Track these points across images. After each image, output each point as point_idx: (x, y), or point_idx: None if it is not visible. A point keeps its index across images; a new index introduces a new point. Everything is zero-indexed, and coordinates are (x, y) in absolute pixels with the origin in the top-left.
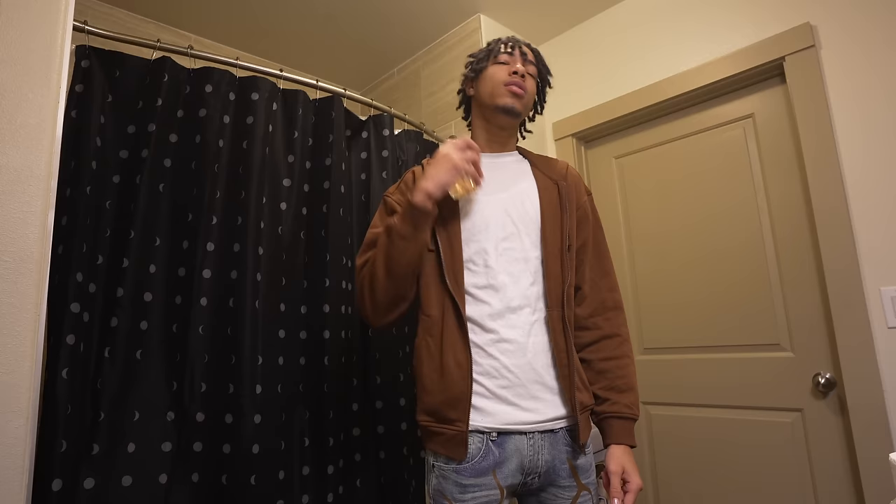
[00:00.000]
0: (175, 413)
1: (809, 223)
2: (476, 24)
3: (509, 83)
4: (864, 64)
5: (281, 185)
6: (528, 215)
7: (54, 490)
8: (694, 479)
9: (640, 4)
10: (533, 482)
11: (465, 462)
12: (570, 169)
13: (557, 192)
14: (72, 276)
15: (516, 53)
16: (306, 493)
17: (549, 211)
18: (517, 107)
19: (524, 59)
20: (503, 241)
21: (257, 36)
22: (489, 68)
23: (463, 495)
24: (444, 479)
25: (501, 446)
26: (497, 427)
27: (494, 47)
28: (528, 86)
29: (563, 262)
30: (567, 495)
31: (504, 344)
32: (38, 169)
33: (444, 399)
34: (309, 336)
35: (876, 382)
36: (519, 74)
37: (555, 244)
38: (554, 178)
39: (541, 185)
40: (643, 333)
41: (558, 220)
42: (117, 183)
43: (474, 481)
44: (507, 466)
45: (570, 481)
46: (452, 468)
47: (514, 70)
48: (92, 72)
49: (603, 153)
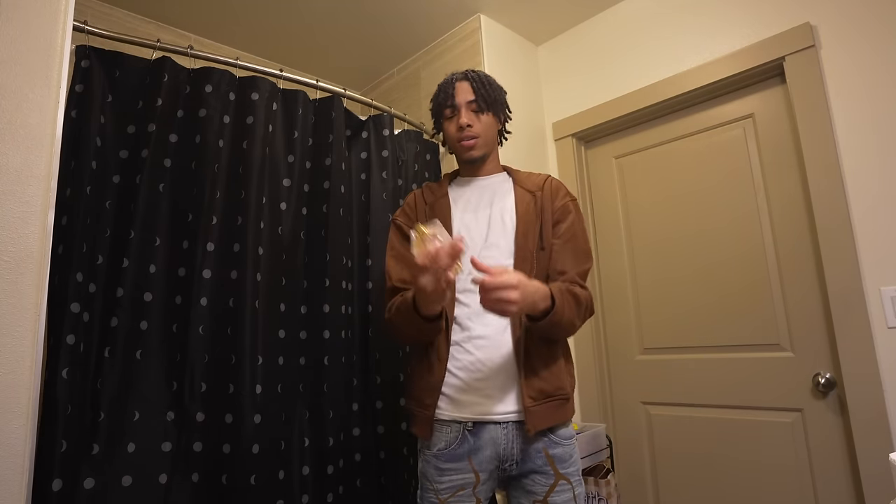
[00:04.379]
0: (175, 413)
1: (809, 223)
2: (476, 24)
3: (460, 139)
4: (863, 64)
5: (281, 185)
6: (505, 227)
7: (54, 490)
8: (694, 478)
9: (640, 4)
10: (511, 468)
11: (442, 448)
12: (550, 180)
13: (534, 202)
14: (72, 276)
15: (458, 104)
16: (306, 493)
17: (524, 218)
18: (475, 154)
19: (467, 105)
20: (483, 250)
21: (257, 36)
22: (444, 125)
23: (441, 478)
24: (426, 462)
25: (477, 435)
26: (472, 417)
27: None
28: (478, 128)
29: (531, 262)
30: (544, 482)
31: (479, 340)
32: (38, 169)
33: (424, 386)
34: (309, 336)
35: (876, 382)
36: (464, 127)
37: (526, 248)
38: (532, 190)
39: (519, 198)
40: (643, 333)
41: (533, 225)
42: (117, 183)
43: (450, 466)
44: (483, 454)
45: (546, 468)
46: (432, 454)
47: (460, 124)
48: (92, 72)
49: (603, 153)
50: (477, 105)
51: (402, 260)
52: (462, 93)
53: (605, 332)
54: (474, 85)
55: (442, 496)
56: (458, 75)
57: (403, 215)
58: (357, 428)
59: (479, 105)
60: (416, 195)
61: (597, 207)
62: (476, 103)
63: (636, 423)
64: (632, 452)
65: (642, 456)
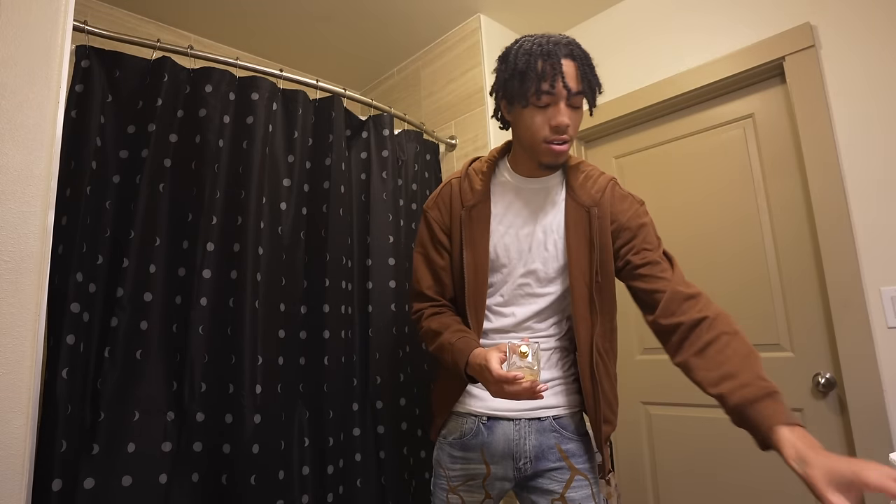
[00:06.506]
0: (175, 413)
1: (809, 223)
2: (476, 24)
3: (550, 140)
4: (863, 63)
5: (281, 185)
6: (548, 253)
7: (54, 490)
8: (694, 479)
9: (640, 4)
10: (526, 467)
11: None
12: (610, 189)
13: (588, 222)
14: (72, 276)
15: (558, 89)
16: (306, 493)
17: (575, 245)
18: (561, 160)
19: (569, 96)
20: (521, 277)
21: (257, 36)
22: (525, 110)
23: (453, 465)
24: (441, 449)
25: (491, 429)
26: (487, 412)
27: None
28: (573, 129)
29: (591, 304)
30: (560, 478)
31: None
32: (38, 169)
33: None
34: (309, 336)
35: (876, 382)
36: (562, 129)
37: (581, 283)
38: (587, 203)
39: (570, 215)
40: (643, 333)
41: (586, 258)
42: (117, 183)
43: (463, 454)
44: (495, 447)
45: (560, 464)
46: (448, 441)
47: (557, 124)
48: (92, 72)
49: (603, 153)
50: (579, 99)
51: (431, 265)
52: (570, 77)
53: None
54: (582, 69)
55: (453, 483)
56: (562, 48)
57: (436, 209)
58: (357, 428)
59: (582, 100)
60: (454, 188)
61: None
62: (581, 96)
63: (636, 423)
64: (632, 452)
65: (642, 456)
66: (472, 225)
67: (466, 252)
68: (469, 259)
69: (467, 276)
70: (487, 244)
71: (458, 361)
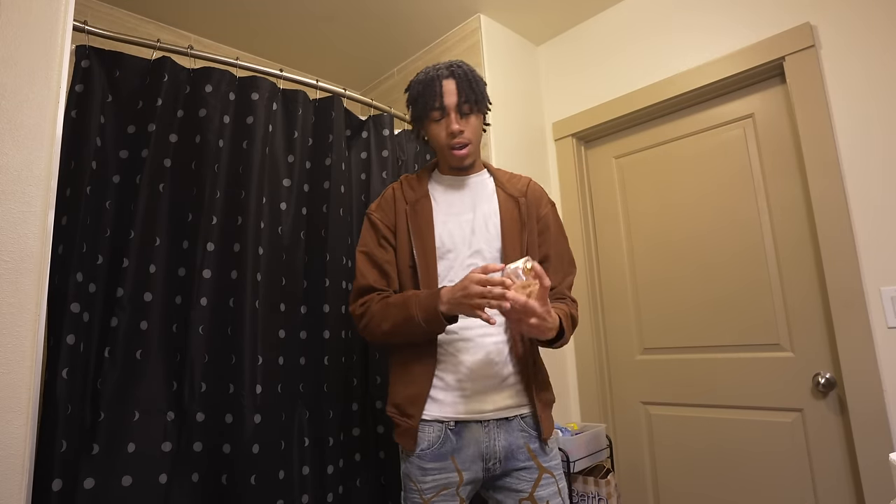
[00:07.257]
0: (175, 413)
1: (809, 223)
2: (476, 24)
3: (451, 146)
4: (863, 64)
5: (281, 185)
6: (489, 234)
7: (54, 490)
8: (694, 479)
9: (641, 4)
10: (495, 468)
11: (425, 448)
12: (532, 185)
13: (518, 209)
14: (72, 276)
15: (447, 106)
16: (306, 493)
17: (509, 227)
18: (466, 161)
19: (456, 107)
20: (469, 258)
21: (257, 36)
22: (429, 126)
23: (424, 478)
24: (409, 464)
25: (459, 434)
26: (454, 417)
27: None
28: (469, 133)
29: None
30: (529, 477)
31: (462, 343)
32: (38, 169)
33: (408, 395)
34: (309, 336)
35: (876, 382)
36: (456, 134)
37: (514, 257)
38: (515, 195)
39: (503, 203)
40: (643, 333)
41: (518, 235)
42: (117, 183)
43: (434, 465)
44: (466, 452)
45: (529, 463)
46: (416, 454)
47: (451, 131)
48: (92, 72)
49: (603, 153)
50: (467, 107)
51: (376, 261)
52: (450, 93)
53: (604, 332)
54: (461, 84)
55: (426, 496)
56: (443, 72)
57: (380, 211)
58: (357, 428)
59: (469, 107)
60: (396, 190)
61: (597, 207)
62: (467, 105)
63: (636, 423)
64: (632, 452)
65: (642, 456)
66: (417, 217)
67: (415, 241)
68: (418, 246)
69: (419, 263)
70: (433, 232)
71: (429, 304)
